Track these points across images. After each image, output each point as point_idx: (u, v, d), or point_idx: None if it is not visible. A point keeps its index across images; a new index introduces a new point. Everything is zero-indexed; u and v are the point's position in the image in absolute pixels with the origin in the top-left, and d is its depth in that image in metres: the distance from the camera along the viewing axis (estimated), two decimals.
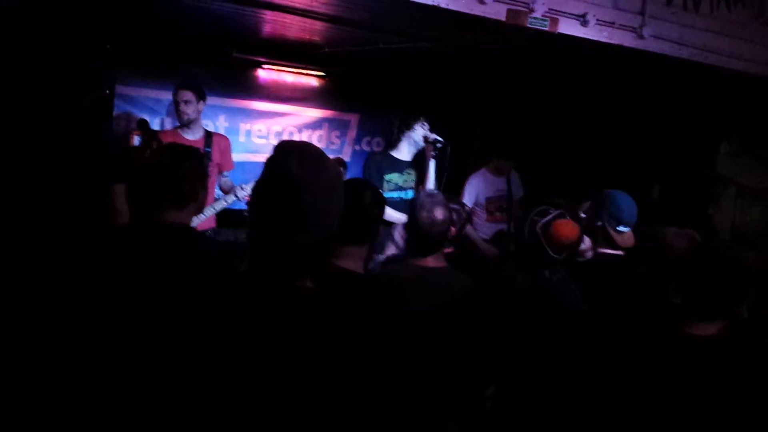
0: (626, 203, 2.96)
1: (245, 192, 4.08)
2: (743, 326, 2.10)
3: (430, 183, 4.06)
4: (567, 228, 2.45)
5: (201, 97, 4.19)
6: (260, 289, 1.41)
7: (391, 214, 3.90)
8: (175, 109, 4.16)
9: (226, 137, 4.56)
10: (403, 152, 4.17)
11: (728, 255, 1.96)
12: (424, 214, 2.55)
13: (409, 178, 4.19)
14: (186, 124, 4.14)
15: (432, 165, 4.06)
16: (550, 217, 2.47)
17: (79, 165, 3.67)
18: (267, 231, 1.42)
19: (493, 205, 4.80)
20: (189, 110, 4.10)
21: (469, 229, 4.67)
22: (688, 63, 3.74)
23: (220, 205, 4.12)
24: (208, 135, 4.31)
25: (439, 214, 2.57)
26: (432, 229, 2.56)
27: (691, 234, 2.69)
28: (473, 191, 4.79)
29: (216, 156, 4.30)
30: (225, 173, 4.45)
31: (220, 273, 2.02)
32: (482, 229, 4.76)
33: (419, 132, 4.09)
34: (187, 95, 4.10)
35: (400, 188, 4.14)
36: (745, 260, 1.95)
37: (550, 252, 2.43)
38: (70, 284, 2.04)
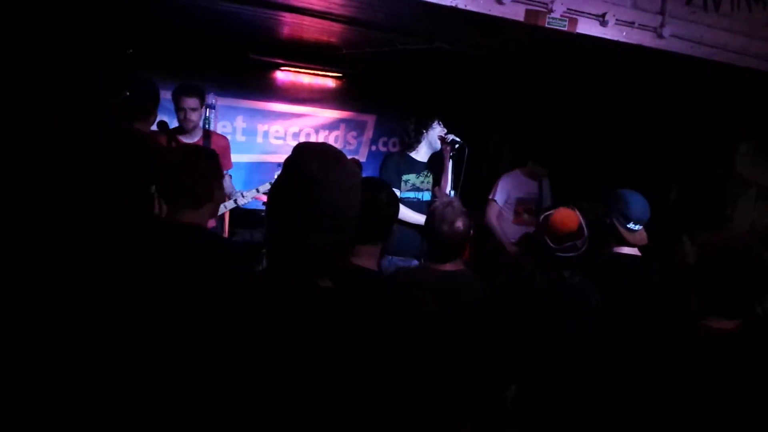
0: (637, 202, 2.96)
1: (245, 200, 4.09)
2: (760, 323, 2.09)
3: (448, 183, 4.07)
4: (565, 216, 2.47)
5: (204, 101, 4.11)
6: (279, 288, 1.42)
7: (408, 214, 3.92)
8: (180, 115, 4.01)
9: (225, 137, 4.48)
10: (421, 153, 4.17)
11: (747, 251, 1.95)
12: (445, 227, 2.57)
13: (426, 179, 4.19)
14: (191, 131, 4.04)
15: (450, 165, 4.06)
16: (552, 210, 2.52)
17: (76, 165, 3.63)
18: (286, 231, 1.42)
19: (522, 206, 4.78)
20: (195, 117, 4.01)
21: (497, 228, 4.69)
22: (707, 62, 3.71)
23: (219, 211, 4.12)
24: (207, 135, 4.24)
25: (460, 224, 2.59)
26: (454, 239, 2.58)
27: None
28: (505, 190, 4.79)
29: None
30: (224, 173, 4.42)
31: (234, 273, 2.05)
32: (509, 231, 4.74)
33: (436, 132, 4.10)
34: (194, 102, 3.98)
35: (417, 189, 4.14)
36: (765, 257, 1.94)
37: (549, 243, 2.45)
38: (83, 285, 2.06)
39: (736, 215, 4.62)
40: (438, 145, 4.12)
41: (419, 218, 3.88)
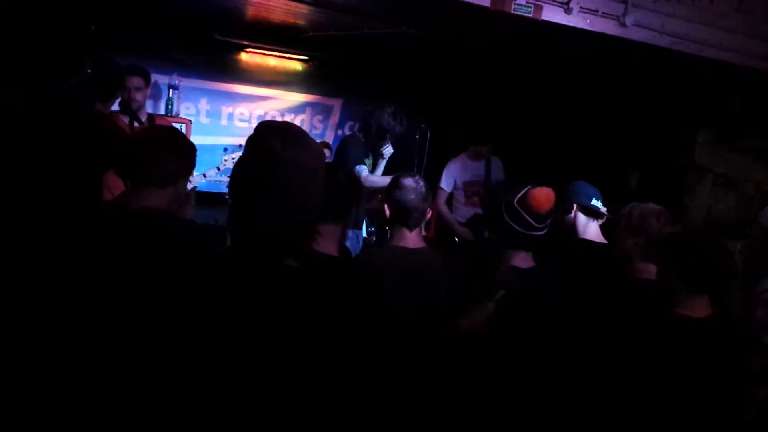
0: (583, 184, 3.15)
1: (192, 184, 4.06)
2: (730, 312, 2.16)
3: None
4: (544, 194, 2.39)
5: (149, 82, 4.09)
6: (244, 267, 1.40)
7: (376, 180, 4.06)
8: (124, 95, 3.95)
9: (169, 121, 4.45)
10: None
11: (713, 238, 2.05)
12: (409, 182, 2.56)
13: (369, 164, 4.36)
14: (136, 111, 3.97)
15: (383, 164, 4.23)
16: (524, 190, 2.42)
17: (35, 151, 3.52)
18: (250, 211, 1.41)
19: (470, 189, 4.89)
20: (139, 97, 3.97)
21: (445, 212, 4.78)
22: (668, 52, 3.77)
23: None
24: (151, 119, 4.20)
25: (422, 185, 2.59)
26: (416, 199, 2.56)
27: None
28: (451, 176, 4.90)
29: None
30: None
31: (200, 253, 2.02)
32: (461, 213, 4.86)
33: (385, 149, 4.24)
34: (138, 82, 3.95)
35: None
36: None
37: (533, 222, 2.37)
38: (43, 274, 2.02)
39: (693, 203, 4.73)
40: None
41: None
